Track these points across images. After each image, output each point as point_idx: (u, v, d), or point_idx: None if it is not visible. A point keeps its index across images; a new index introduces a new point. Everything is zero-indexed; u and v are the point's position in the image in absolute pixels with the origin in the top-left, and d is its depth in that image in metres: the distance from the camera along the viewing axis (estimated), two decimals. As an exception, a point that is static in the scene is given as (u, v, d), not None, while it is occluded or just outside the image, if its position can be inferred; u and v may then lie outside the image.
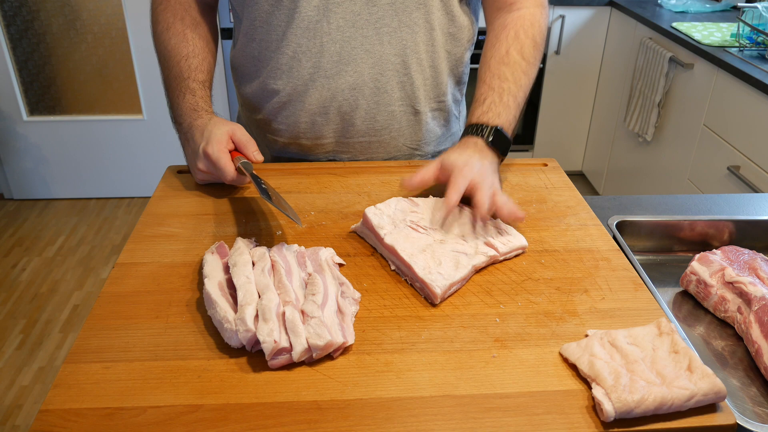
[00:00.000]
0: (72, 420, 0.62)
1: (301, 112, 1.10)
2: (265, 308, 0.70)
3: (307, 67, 1.06)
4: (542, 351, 0.71)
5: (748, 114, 1.98)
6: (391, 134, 1.13)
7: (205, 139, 0.95)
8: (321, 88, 1.07)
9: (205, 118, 1.01)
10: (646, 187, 2.66)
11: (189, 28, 1.10)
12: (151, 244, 0.89)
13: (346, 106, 1.08)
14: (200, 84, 1.06)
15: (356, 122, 1.10)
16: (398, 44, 1.05)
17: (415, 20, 1.05)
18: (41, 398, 2.02)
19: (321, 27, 1.03)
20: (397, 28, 1.04)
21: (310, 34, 1.03)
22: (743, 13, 2.17)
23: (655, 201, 1.10)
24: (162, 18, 1.11)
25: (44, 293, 2.50)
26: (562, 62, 3.00)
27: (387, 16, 1.03)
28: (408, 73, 1.08)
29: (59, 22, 2.87)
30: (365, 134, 1.12)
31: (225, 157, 0.93)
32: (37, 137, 3.05)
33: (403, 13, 1.04)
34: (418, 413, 0.63)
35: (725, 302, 0.85)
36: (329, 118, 1.10)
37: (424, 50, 1.08)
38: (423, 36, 1.06)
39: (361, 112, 1.09)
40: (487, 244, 0.86)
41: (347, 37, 1.03)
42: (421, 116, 1.13)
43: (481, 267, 0.84)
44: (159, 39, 1.11)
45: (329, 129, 1.11)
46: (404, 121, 1.12)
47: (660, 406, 0.62)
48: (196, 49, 1.08)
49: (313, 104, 1.08)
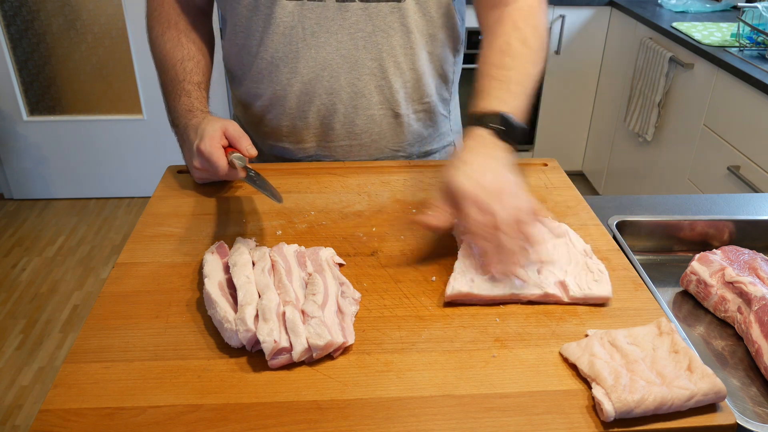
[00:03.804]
0: (72, 420, 0.62)
1: (282, 116, 1.11)
2: (265, 308, 0.70)
3: (285, 72, 1.06)
4: (542, 351, 0.71)
5: (748, 114, 1.98)
6: (372, 137, 1.13)
7: (198, 136, 0.95)
8: (299, 92, 1.07)
9: (200, 117, 1.01)
10: (646, 187, 2.66)
11: (183, 33, 1.11)
12: (151, 244, 0.89)
13: (324, 110, 1.09)
14: (195, 86, 1.07)
15: (335, 126, 1.11)
16: (373, 48, 1.05)
17: (390, 24, 1.04)
18: (41, 398, 2.02)
19: (296, 33, 1.03)
20: (371, 32, 1.04)
21: (286, 40, 1.04)
22: (743, 13, 2.17)
23: (655, 201, 1.10)
24: (157, 24, 1.12)
25: (44, 293, 2.50)
26: (562, 62, 3.00)
27: (360, 21, 1.03)
28: (386, 77, 1.08)
29: (59, 22, 2.87)
30: (345, 138, 1.12)
31: (218, 152, 0.92)
32: (37, 137, 3.05)
33: (377, 17, 1.03)
34: (418, 413, 0.63)
35: (725, 302, 0.85)
36: (309, 122, 1.10)
37: (402, 53, 1.07)
38: (399, 39, 1.05)
39: (340, 117, 1.09)
40: (559, 284, 0.78)
41: (322, 43, 1.04)
42: (402, 119, 1.13)
43: (532, 300, 0.78)
44: (154, 45, 1.12)
45: (309, 133, 1.12)
46: (384, 124, 1.12)
47: (660, 406, 0.62)
48: (190, 53, 1.09)
49: (293, 108, 1.09)
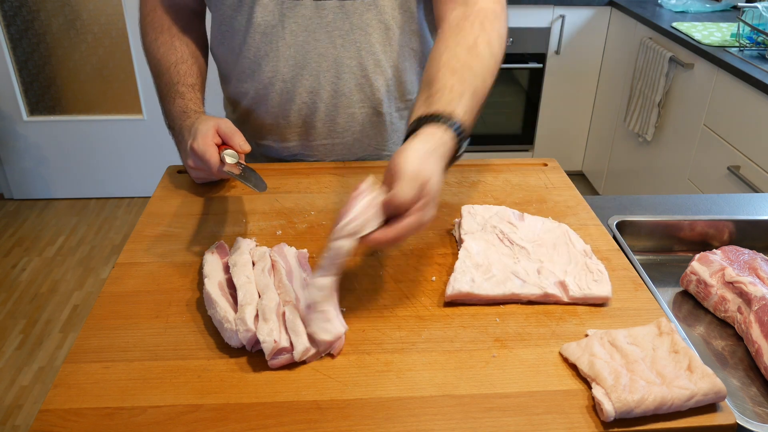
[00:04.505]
0: (72, 420, 0.62)
1: (266, 115, 1.11)
2: (265, 308, 0.70)
3: (266, 72, 1.07)
4: (542, 351, 0.71)
5: (748, 114, 1.98)
6: (354, 136, 1.13)
7: (192, 135, 0.95)
8: (281, 92, 1.08)
9: (193, 117, 1.01)
10: (646, 187, 2.66)
11: (176, 36, 1.11)
12: (151, 244, 0.89)
13: (305, 109, 1.09)
14: (189, 87, 1.07)
15: (317, 125, 1.11)
16: (352, 47, 1.05)
17: (368, 21, 1.04)
18: (41, 398, 2.02)
19: (276, 32, 1.03)
20: (349, 30, 1.04)
21: (267, 39, 1.04)
22: (743, 13, 2.17)
23: (655, 201, 1.10)
24: (150, 29, 1.12)
25: (44, 293, 2.50)
26: (562, 62, 3.00)
27: (338, 20, 1.03)
28: (366, 75, 1.07)
29: (59, 22, 2.87)
30: (327, 137, 1.12)
31: (210, 150, 0.92)
32: (37, 137, 3.05)
33: (354, 15, 1.03)
34: (418, 413, 0.63)
35: (725, 302, 0.85)
36: (290, 121, 1.11)
37: (382, 51, 1.07)
38: (378, 37, 1.05)
39: (321, 115, 1.10)
40: (559, 284, 0.79)
41: (301, 42, 1.04)
42: (384, 117, 1.13)
43: (531, 300, 0.78)
44: (149, 50, 1.12)
45: (292, 132, 1.12)
46: (366, 122, 1.12)
47: (660, 406, 0.62)
48: (184, 56, 1.09)
49: (275, 108, 1.10)
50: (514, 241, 0.85)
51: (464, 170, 1.08)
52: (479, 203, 0.96)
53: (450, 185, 1.04)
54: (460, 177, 1.06)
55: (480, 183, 1.05)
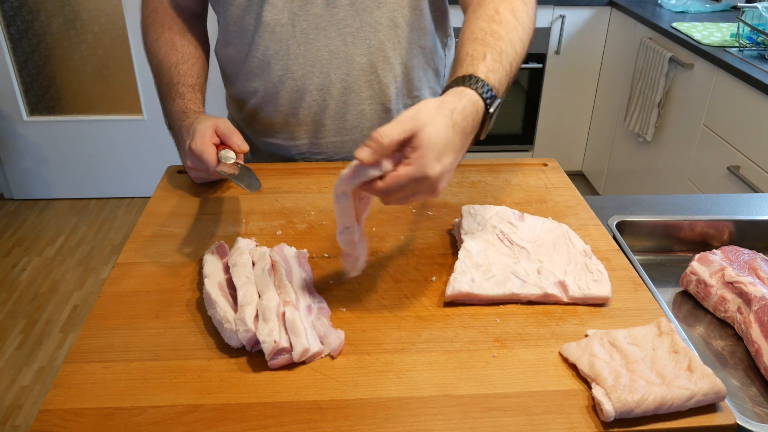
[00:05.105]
0: (72, 420, 0.62)
1: (275, 114, 1.11)
2: (265, 308, 0.70)
3: (276, 70, 1.07)
4: (542, 351, 0.71)
5: (748, 114, 1.98)
6: (363, 133, 1.13)
7: (190, 135, 0.95)
8: (291, 90, 1.08)
9: (192, 117, 1.01)
10: (646, 187, 2.66)
11: (177, 36, 1.11)
12: (151, 244, 0.89)
13: (315, 107, 1.09)
14: (189, 87, 1.07)
15: (326, 123, 1.11)
16: (362, 44, 1.05)
17: (377, 19, 1.04)
18: (41, 398, 2.02)
19: (286, 30, 1.04)
20: (359, 28, 1.04)
21: (277, 38, 1.04)
22: (743, 13, 2.17)
23: (655, 201, 1.10)
24: (151, 29, 1.12)
25: (44, 293, 2.50)
26: (562, 62, 3.00)
27: (348, 17, 1.03)
28: (375, 72, 1.08)
29: (59, 22, 2.86)
30: (336, 134, 1.13)
31: (208, 149, 0.92)
32: (37, 137, 3.05)
33: (364, 12, 1.03)
34: (418, 413, 0.63)
35: (725, 302, 0.85)
36: (300, 119, 1.11)
37: (391, 48, 1.07)
38: (387, 34, 1.06)
39: (331, 113, 1.10)
40: (559, 284, 0.79)
41: (311, 40, 1.04)
42: (392, 113, 1.13)
43: (531, 300, 0.78)
44: (150, 50, 1.12)
45: (302, 130, 1.13)
46: (375, 119, 1.12)
47: (660, 406, 0.62)
48: (185, 56, 1.09)
49: (285, 106, 1.10)
50: (514, 241, 0.85)
51: (464, 170, 1.09)
52: (479, 203, 0.96)
53: (450, 185, 1.04)
54: (460, 177, 1.06)
55: (480, 183, 1.05)
